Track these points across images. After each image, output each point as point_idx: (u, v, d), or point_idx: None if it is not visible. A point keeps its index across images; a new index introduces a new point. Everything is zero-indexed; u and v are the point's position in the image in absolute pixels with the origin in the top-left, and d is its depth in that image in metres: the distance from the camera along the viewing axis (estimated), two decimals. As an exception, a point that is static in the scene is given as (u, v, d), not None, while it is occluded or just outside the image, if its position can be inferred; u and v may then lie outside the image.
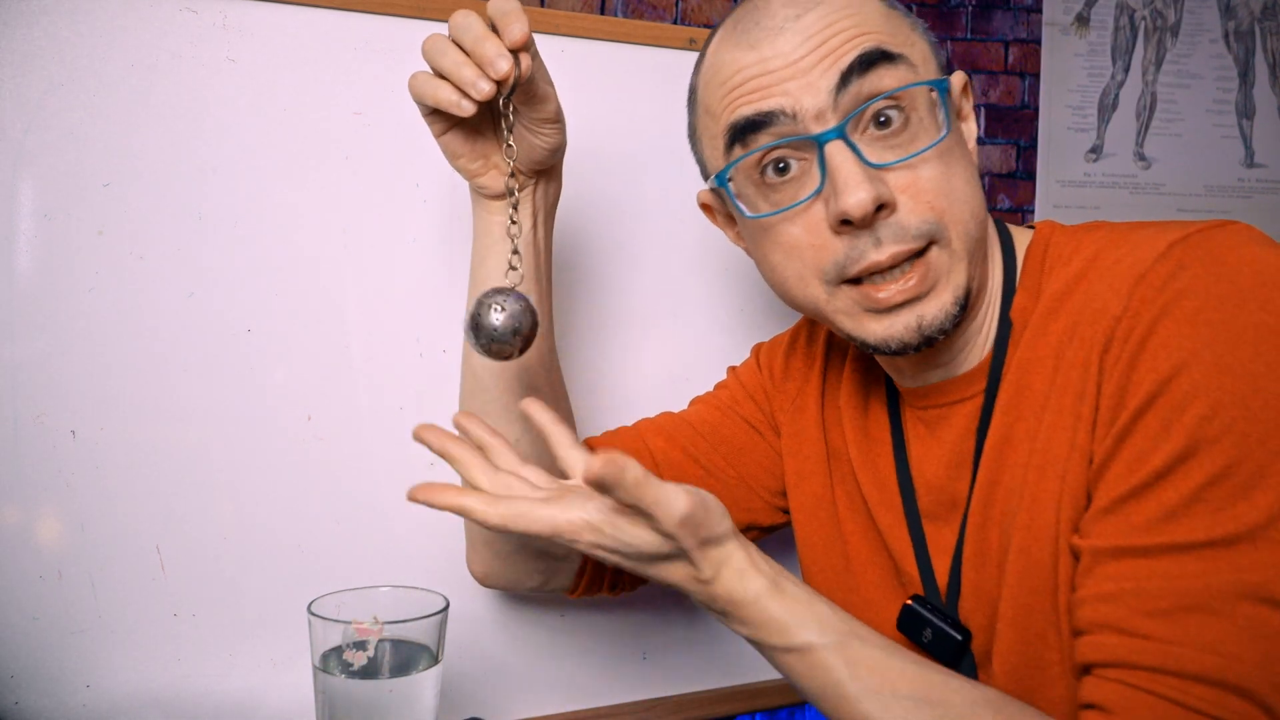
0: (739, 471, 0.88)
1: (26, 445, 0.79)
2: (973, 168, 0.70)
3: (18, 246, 0.79)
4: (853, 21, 0.67)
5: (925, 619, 0.74)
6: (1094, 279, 0.66)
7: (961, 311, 0.68)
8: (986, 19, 2.81)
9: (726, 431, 0.89)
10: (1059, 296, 0.68)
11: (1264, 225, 0.65)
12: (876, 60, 0.66)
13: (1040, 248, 0.72)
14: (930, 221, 0.67)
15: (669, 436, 0.88)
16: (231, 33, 0.85)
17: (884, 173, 0.66)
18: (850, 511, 0.83)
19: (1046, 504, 0.64)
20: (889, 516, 0.78)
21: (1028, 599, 0.65)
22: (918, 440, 0.77)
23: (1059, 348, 0.66)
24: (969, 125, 0.73)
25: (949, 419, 0.74)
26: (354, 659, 0.71)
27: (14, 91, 0.79)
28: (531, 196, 0.78)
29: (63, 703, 0.80)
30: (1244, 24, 2.85)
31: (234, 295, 0.85)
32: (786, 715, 1.08)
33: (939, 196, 0.67)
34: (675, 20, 2.51)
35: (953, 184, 0.67)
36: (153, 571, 0.83)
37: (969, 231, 0.68)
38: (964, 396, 0.73)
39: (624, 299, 1.00)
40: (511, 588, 0.89)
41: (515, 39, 0.66)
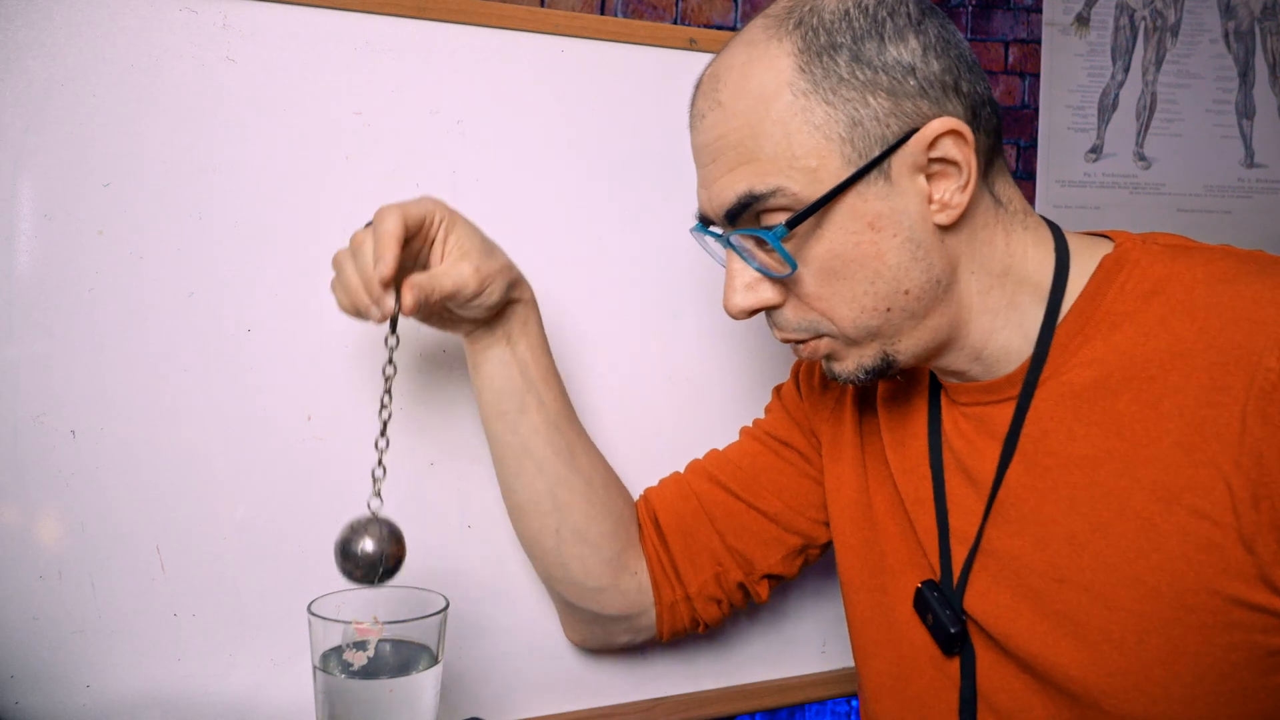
0: (784, 501, 0.91)
1: (26, 445, 0.79)
2: (898, 250, 0.68)
3: (18, 246, 0.79)
4: (739, 136, 0.69)
5: (930, 604, 0.76)
6: (1204, 318, 0.66)
7: (888, 367, 0.73)
8: (986, 19, 2.81)
9: (766, 461, 0.93)
10: (1149, 326, 0.68)
11: (1264, 225, 0.66)
12: (748, 204, 0.69)
13: (1114, 264, 0.72)
14: (811, 322, 0.72)
15: (712, 478, 0.93)
16: (231, 33, 0.85)
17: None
18: (881, 491, 0.84)
19: (1170, 535, 0.65)
20: (917, 496, 0.80)
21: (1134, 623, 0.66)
22: (958, 434, 0.78)
23: (1154, 378, 0.66)
24: (950, 175, 0.68)
25: (990, 416, 0.75)
26: (354, 659, 0.71)
27: (14, 91, 0.79)
28: (502, 335, 0.83)
29: (63, 703, 0.80)
30: (1244, 24, 2.85)
31: (234, 295, 0.85)
32: (786, 715, 1.08)
33: (817, 305, 0.71)
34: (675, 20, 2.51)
35: (835, 291, 0.70)
36: (153, 571, 0.83)
37: (865, 324, 0.70)
38: (1003, 397, 0.74)
39: (625, 300, 1.00)
40: (607, 647, 0.97)
41: (383, 275, 0.71)
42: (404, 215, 0.73)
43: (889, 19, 0.68)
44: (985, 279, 0.72)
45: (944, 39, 0.69)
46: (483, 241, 0.78)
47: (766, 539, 0.91)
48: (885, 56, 0.67)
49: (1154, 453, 0.65)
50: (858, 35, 0.67)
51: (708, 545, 0.90)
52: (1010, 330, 0.73)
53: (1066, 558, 0.69)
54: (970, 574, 0.75)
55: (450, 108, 0.93)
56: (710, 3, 2.60)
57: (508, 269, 0.80)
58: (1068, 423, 0.70)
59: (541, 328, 0.86)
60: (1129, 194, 2.83)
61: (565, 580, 0.89)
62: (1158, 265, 0.70)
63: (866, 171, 0.66)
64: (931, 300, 0.70)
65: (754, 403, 1.06)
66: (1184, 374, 0.65)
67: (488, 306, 0.78)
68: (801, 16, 0.69)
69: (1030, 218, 0.75)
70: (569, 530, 0.86)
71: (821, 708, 1.09)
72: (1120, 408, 0.67)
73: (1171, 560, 0.64)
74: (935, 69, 0.67)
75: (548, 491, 0.85)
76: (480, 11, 0.93)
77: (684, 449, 1.03)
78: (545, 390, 0.84)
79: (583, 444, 0.88)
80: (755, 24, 0.72)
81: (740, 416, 1.05)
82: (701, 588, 0.90)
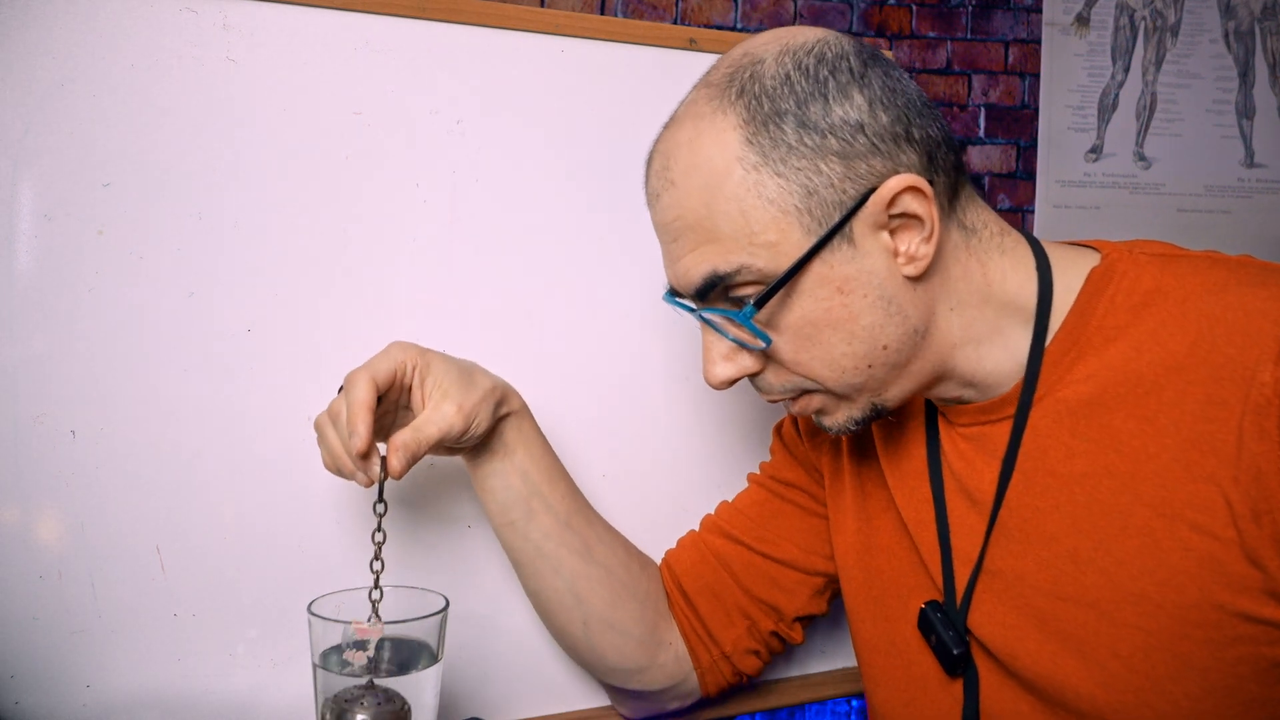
0: (798, 545, 0.91)
1: (26, 445, 0.79)
2: (870, 309, 0.67)
3: (18, 246, 0.79)
4: (695, 218, 0.68)
5: (933, 625, 0.76)
6: (1196, 330, 0.65)
7: (877, 416, 0.73)
8: (986, 19, 2.81)
9: (774, 507, 0.93)
10: (1140, 339, 0.67)
11: (1264, 225, 0.66)
12: (713, 285, 0.69)
13: (1102, 277, 0.71)
14: (794, 383, 0.72)
15: (725, 533, 0.93)
16: (231, 33, 0.85)
17: None
18: (882, 517, 0.84)
19: (1172, 550, 0.64)
20: (919, 519, 0.80)
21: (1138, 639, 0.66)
22: (957, 453, 0.77)
23: (1149, 392, 0.66)
24: (913, 228, 0.67)
25: (988, 435, 0.75)
26: (354, 659, 0.71)
27: (14, 91, 0.79)
28: (500, 450, 0.83)
29: (63, 703, 0.80)
30: (1244, 24, 2.85)
31: (234, 295, 0.85)
32: (786, 715, 1.08)
33: (798, 369, 0.71)
34: (675, 20, 2.51)
35: (813, 355, 0.69)
36: (153, 571, 0.83)
37: (845, 381, 0.70)
38: (999, 417, 0.74)
39: (625, 300, 1.00)
40: (661, 713, 0.97)
41: (357, 449, 0.73)
42: (373, 378, 0.74)
43: (830, 77, 0.66)
44: (965, 313, 0.71)
45: (889, 88, 0.67)
46: (460, 374, 0.79)
47: (789, 585, 0.91)
48: (831, 118, 0.65)
49: (1153, 469, 0.65)
50: (800, 99, 0.65)
51: (735, 602, 0.91)
52: (998, 354, 0.72)
53: (1070, 575, 0.68)
54: (974, 594, 0.75)
55: (450, 108, 0.93)
56: (710, 3, 2.60)
57: (490, 392, 0.80)
58: (1065, 440, 0.70)
59: (537, 431, 0.86)
60: (1129, 194, 2.83)
61: (603, 668, 0.90)
62: (1146, 276, 0.69)
63: (828, 239, 0.66)
64: (912, 349, 0.70)
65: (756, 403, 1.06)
66: (1179, 389, 0.65)
67: (480, 434, 0.80)
68: (743, 85, 0.67)
69: (1007, 238, 0.73)
70: (596, 620, 0.86)
71: (822, 707, 1.09)
72: (1117, 424, 0.67)
73: (1175, 575, 0.64)
74: (884, 121, 0.66)
75: (567, 588, 0.86)
76: (480, 11, 0.93)
77: (701, 451, 1.03)
78: (550, 492, 0.85)
79: (597, 533, 0.88)
80: (699, 94, 0.71)
81: (746, 413, 1.05)
82: (736, 643, 0.91)
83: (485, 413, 0.79)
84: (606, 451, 0.99)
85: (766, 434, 1.05)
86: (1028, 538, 0.71)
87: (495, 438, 0.83)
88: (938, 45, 2.82)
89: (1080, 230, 2.82)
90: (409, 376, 0.77)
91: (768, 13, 2.57)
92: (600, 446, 0.99)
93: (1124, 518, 0.66)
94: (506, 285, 0.95)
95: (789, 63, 0.67)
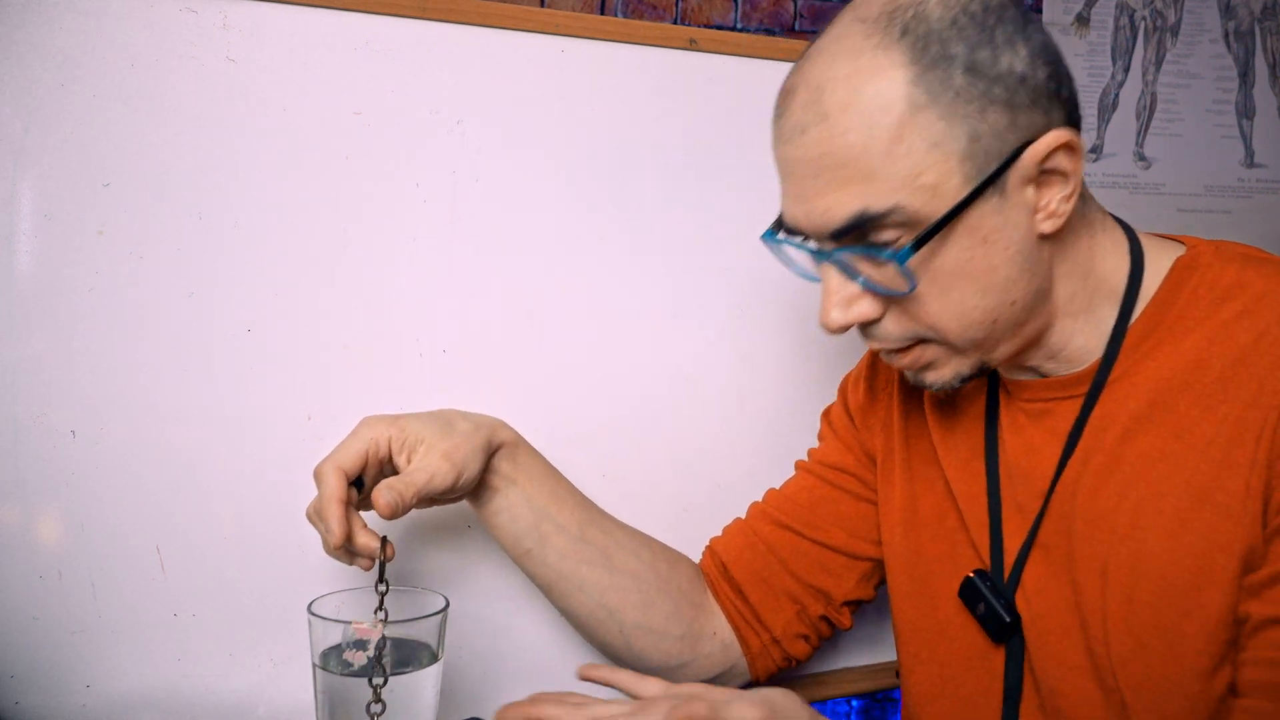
0: (847, 530, 0.91)
1: (26, 445, 0.79)
2: (1008, 263, 0.68)
3: (18, 246, 0.79)
4: (852, 154, 0.65)
5: (981, 594, 0.77)
6: (1262, 327, 0.67)
7: (981, 374, 0.73)
8: (986, 19, 2.81)
9: (823, 493, 0.93)
10: (1213, 330, 0.69)
11: (1264, 225, 0.67)
12: (861, 224, 0.66)
13: (1187, 269, 0.72)
14: (913, 332, 0.71)
15: (773, 519, 0.93)
16: (231, 33, 0.85)
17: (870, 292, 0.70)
18: (929, 493, 0.85)
19: (1198, 531, 0.66)
20: (970, 492, 0.81)
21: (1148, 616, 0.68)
22: (1014, 429, 0.78)
23: (1213, 380, 0.68)
24: (1056, 185, 0.67)
25: (1054, 412, 0.76)
26: (354, 659, 0.71)
27: (14, 91, 0.79)
28: (500, 483, 0.84)
29: (63, 703, 0.80)
30: (1244, 24, 2.85)
31: (234, 295, 0.85)
32: (786, 715, 1.07)
33: (925, 319, 0.70)
34: (675, 20, 2.51)
35: (946, 304, 0.68)
36: (153, 571, 0.83)
37: (968, 335, 0.70)
38: (1071, 394, 0.75)
39: (626, 300, 1.00)
40: None
41: (333, 544, 0.74)
42: (339, 468, 0.75)
43: (998, 25, 0.65)
44: (1073, 282, 0.72)
45: (1046, 44, 0.67)
46: (439, 425, 0.79)
47: (837, 570, 0.91)
48: (999, 66, 0.64)
49: (1204, 455, 0.67)
50: (971, 44, 0.64)
51: (784, 587, 0.91)
52: (1088, 332, 0.73)
53: (1106, 551, 0.70)
54: (1024, 570, 0.76)
55: (450, 108, 0.93)
56: (710, 3, 2.60)
57: (473, 434, 0.80)
58: (1128, 423, 0.71)
59: (535, 455, 0.87)
60: (1129, 194, 2.83)
61: (649, 670, 0.89)
62: (1229, 272, 0.70)
63: (984, 188, 0.65)
64: (1033, 309, 0.71)
65: (769, 398, 1.06)
66: (1240, 380, 0.66)
67: (473, 478, 0.80)
68: (906, 24, 0.65)
69: (1107, 219, 0.75)
70: (632, 627, 0.87)
71: (822, 707, 1.09)
72: (1182, 409, 0.69)
73: (1192, 557, 0.66)
74: (1042, 77, 0.66)
75: (597, 603, 0.86)
76: (480, 11, 0.93)
77: (702, 449, 1.03)
78: (559, 512, 0.85)
79: (616, 541, 0.88)
80: (850, 29, 0.67)
81: (756, 414, 1.05)
82: (786, 627, 0.91)
83: (473, 455, 0.79)
84: (608, 451, 0.99)
85: (773, 433, 1.05)
86: (1078, 515, 0.73)
87: (492, 474, 0.83)
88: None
89: (1080, 230, 2.82)
90: (383, 450, 0.77)
91: (768, 12, 2.57)
92: (603, 446, 0.99)
93: (1162, 500, 0.68)
94: (506, 285, 0.95)
95: (956, 5, 0.65)
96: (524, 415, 0.90)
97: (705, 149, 1.03)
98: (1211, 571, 0.65)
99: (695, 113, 1.02)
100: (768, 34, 1.95)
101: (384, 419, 0.79)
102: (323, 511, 0.74)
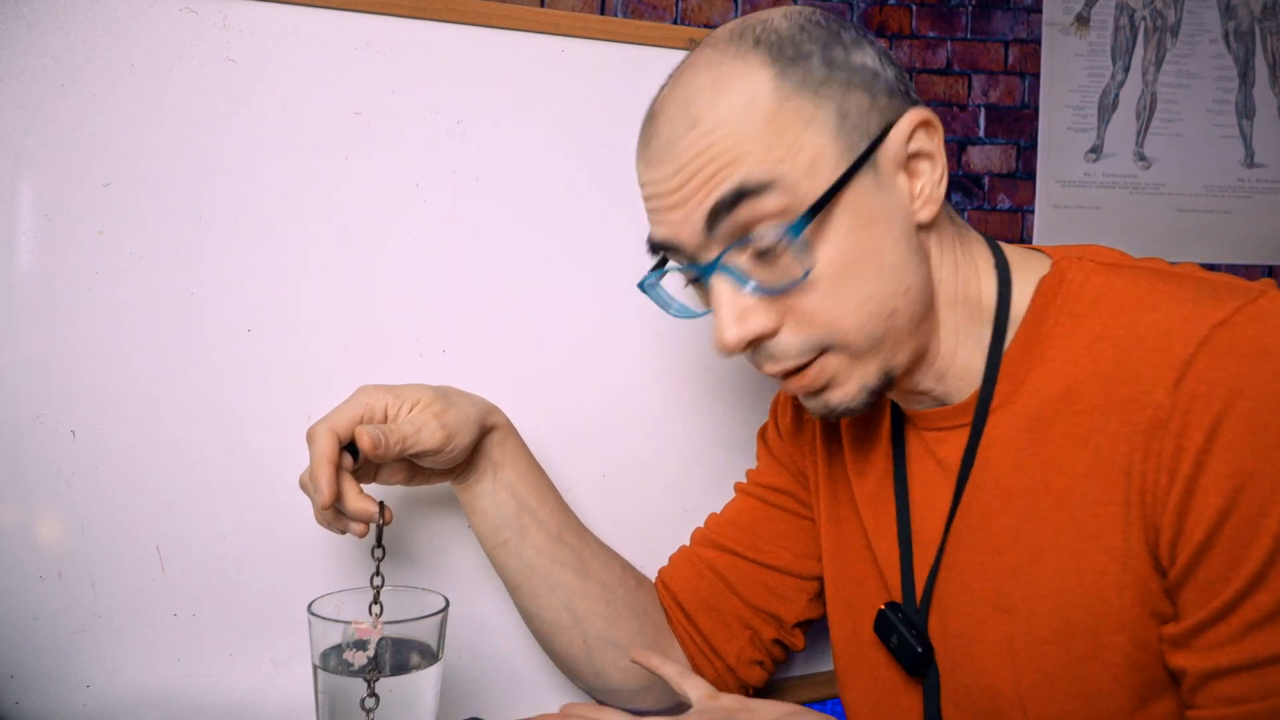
0: (790, 550, 0.91)
1: (26, 445, 0.79)
2: (894, 247, 0.67)
3: (18, 246, 0.79)
4: (727, 144, 0.64)
5: (894, 626, 0.76)
6: (1124, 347, 0.65)
7: (884, 387, 0.70)
8: (986, 19, 2.81)
9: (762, 514, 0.93)
10: (1076, 352, 0.67)
11: (1264, 225, 0.66)
12: (741, 197, 0.64)
13: (1052, 284, 0.70)
14: (815, 340, 0.68)
15: (717, 545, 0.93)
16: (231, 33, 0.85)
17: (765, 299, 0.67)
18: (849, 522, 0.84)
19: (1089, 573, 0.65)
20: (878, 524, 0.80)
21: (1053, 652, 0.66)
22: (918, 458, 0.78)
23: (1082, 410, 0.66)
24: (925, 169, 0.68)
25: (946, 441, 0.75)
26: (354, 659, 0.71)
27: (14, 91, 0.79)
28: (487, 468, 0.84)
29: (63, 703, 0.80)
30: (1244, 24, 2.85)
31: (234, 295, 0.85)
32: (786, 715, 1.08)
33: (822, 316, 0.67)
34: (675, 20, 2.51)
35: (843, 296, 0.66)
36: (153, 571, 0.83)
37: (871, 333, 0.67)
38: (959, 423, 0.74)
39: (623, 300, 1.00)
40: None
41: (321, 504, 0.73)
42: (332, 429, 0.74)
43: (841, 30, 0.69)
44: (950, 289, 0.71)
45: (885, 53, 0.70)
46: (435, 393, 0.79)
47: (786, 592, 0.91)
48: (851, 60, 0.67)
49: (1082, 489, 0.65)
50: (823, 43, 0.67)
51: (735, 612, 0.91)
52: (969, 350, 0.72)
53: (1009, 586, 0.69)
54: (932, 600, 0.75)
55: (450, 108, 0.93)
56: (710, 3, 2.60)
57: (469, 408, 0.80)
58: (1013, 452, 0.70)
59: (523, 446, 0.86)
60: (1129, 194, 2.83)
61: (607, 690, 0.90)
62: (1090, 285, 0.69)
63: (862, 163, 0.65)
64: (925, 304, 0.70)
65: (769, 398, 1.06)
66: (1107, 409, 0.64)
67: (463, 447, 0.79)
68: (758, 35, 0.67)
69: (973, 233, 0.75)
70: (596, 638, 0.86)
71: (821, 707, 1.09)
72: (1056, 440, 0.67)
73: (1088, 599, 0.64)
74: (890, 75, 0.69)
75: (564, 606, 0.86)
76: (480, 11, 0.93)
77: (704, 446, 1.03)
78: (540, 506, 0.85)
79: (590, 548, 0.88)
80: (703, 53, 0.69)
81: (733, 406, 1.05)
82: (740, 655, 0.91)
83: (465, 426, 0.79)
84: (609, 450, 0.99)
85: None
86: (976, 546, 0.71)
87: (481, 456, 0.83)
88: (938, 45, 2.82)
89: (1081, 230, 2.83)
90: (378, 415, 0.77)
91: (768, 13, 2.56)
92: (603, 446, 0.99)
93: (1055, 536, 0.66)
94: (506, 285, 0.95)
95: (798, 18, 0.68)
96: (524, 414, 0.90)
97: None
98: (1108, 613, 0.64)
99: (695, 113, 1.02)
100: (768, 34, 1.95)
101: (381, 387, 0.78)
102: (313, 472, 0.73)
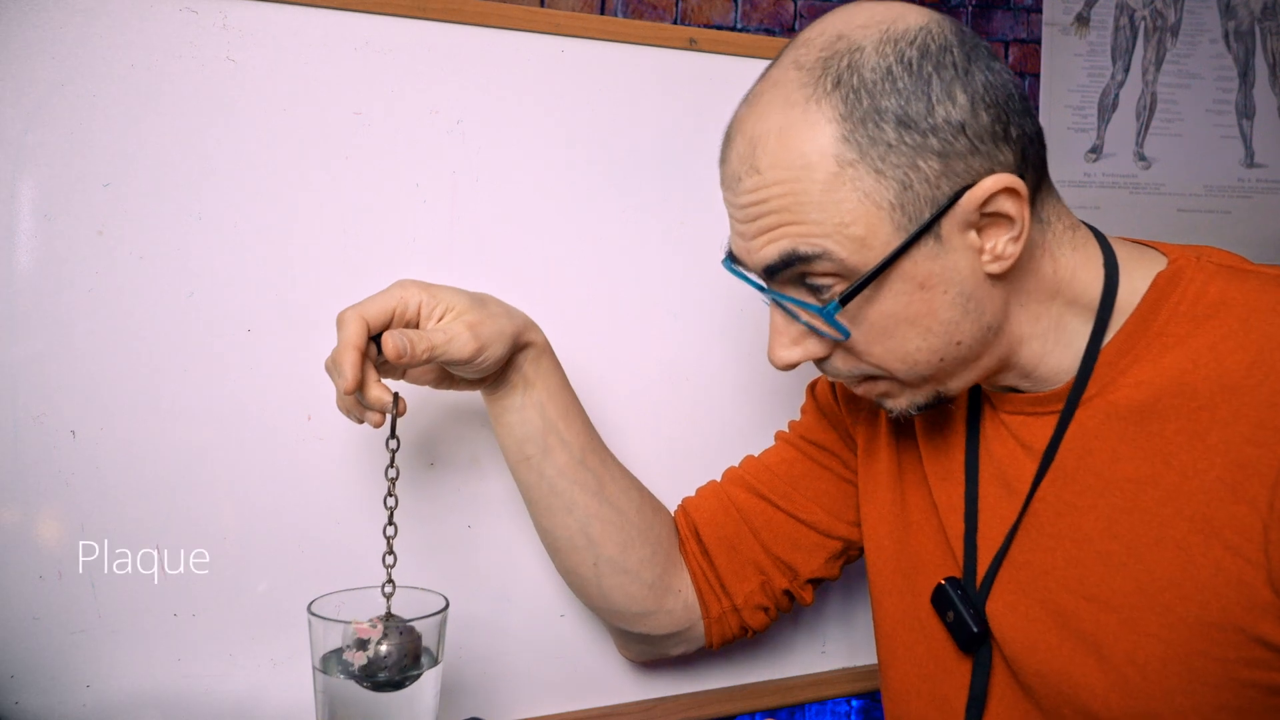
0: (823, 507, 0.91)
1: (26, 445, 0.79)
2: (949, 307, 0.67)
3: (18, 246, 0.79)
4: (783, 203, 0.66)
5: (952, 601, 0.77)
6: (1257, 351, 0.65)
7: (937, 403, 0.73)
8: (986, 19, 2.81)
9: (803, 468, 0.93)
10: (1198, 353, 0.67)
11: (1264, 225, 0.65)
12: (792, 263, 0.67)
13: (1168, 282, 0.70)
14: (862, 369, 0.72)
15: (750, 488, 0.93)
16: (231, 33, 0.85)
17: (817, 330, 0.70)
18: (915, 494, 0.85)
19: (1205, 568, 0.64)
20: (950, 507, 0.80)
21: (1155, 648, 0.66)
22: (997, 439, 0.78)
23: (1203, 407, 0.66)
24: (1000, 229, 0.66)
25: (1031, 427, 0.75)
26: (354, 659, 0.71)
27: (14, 91, 0.79)
28: (519, 382, 0.83)
29: (63, 703, 0.80)
30: (1244, 24, 2.85)
31: (234, 295, 0.85)
32: (786, 715, 1.08)
33: (868, 359, 0.71)
34: (675, 20, 2.51)
35: (889, 348, 0.69)
36: (152, 571, 0.83)
37: (915, 372, 0.70)
38: (1046, 410, 0.74)
39: (625, 299, 1.00)
40: (662, 659, 0.99)
41: (345, 388, 0.72)
42: (361, 316, 0.73)
43: (934, 74, 0.64)
44: (1034, 307, 0.71)
45: (991, 84, 0.65)
46: (473, 300, 0.78)
47: (808, 546, 0.91)
48: (934, 118, 0.63)
49: (1199, 485, 0.65)
50: (904, 97, 0.63)
51: (752, 556, 0.91)
52: (1060, 351, 0.73)
53: (1098, 576, 0.69)
54: (995, 582, 0.75)
55: (450, 108, 0.93)
56: (710, 3, 2.60)
57: (506, 319, 0.79)
58: (1111, 443, 0.70)
59: (557, 367, 0.85)
60: (1129, 194, 2.83)
61: (609, 610, 0.90)
62: (1213, 287, 0.68)
63: (918, 238, 0.65)
64: (984, 344, 0.70)
65: (764, 399, 1.06)
66: (1233, 409, 0.64)
67: (495, 360, 0.78)
68: (839, 74, 0.64)
69: (1077, 233, 0.73)
70: (606, 562, 0.86)
71: (821, 708, 1.09)
72: (1168, 434, 0.67)
73: (1202, 592, 0.64)
74: (985, 121, 0.64)
75: (580, 529, 0.85)
76: (480, 11, 0.93)
77: (700, 448, 1.03)
78: (567, 428, 0.84)
79: (611, 473, 0.88)
80: (787, 75, 0.67)
81: (752, 412, 1.05)
82: (748, 598, 0.91)
83: (499, 338, 0.77)
84: (609, 446, 0.99)
85: (771, 429, 1.05)
86: (1059, 533, 0.71)
87: (514, 371, 0.82)
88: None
89: (1080, 230, 2.82)
90: (410, 312, 0.75)
91: (768, 13, 2.56)
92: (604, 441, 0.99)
93: (1161, 528, 0.66)
94: (506, 285, 0.95)
95: (890, 54, 0.64)
96: (524, 415, 0.90)
97: (705, 149, 1.02)
98: (1225, 610, 0.63)
99: (695, 113, 1.02)
100: (768, 34, 1.95)
101: (419, 283, 0.77)
102: (338, 356, 0.72)
